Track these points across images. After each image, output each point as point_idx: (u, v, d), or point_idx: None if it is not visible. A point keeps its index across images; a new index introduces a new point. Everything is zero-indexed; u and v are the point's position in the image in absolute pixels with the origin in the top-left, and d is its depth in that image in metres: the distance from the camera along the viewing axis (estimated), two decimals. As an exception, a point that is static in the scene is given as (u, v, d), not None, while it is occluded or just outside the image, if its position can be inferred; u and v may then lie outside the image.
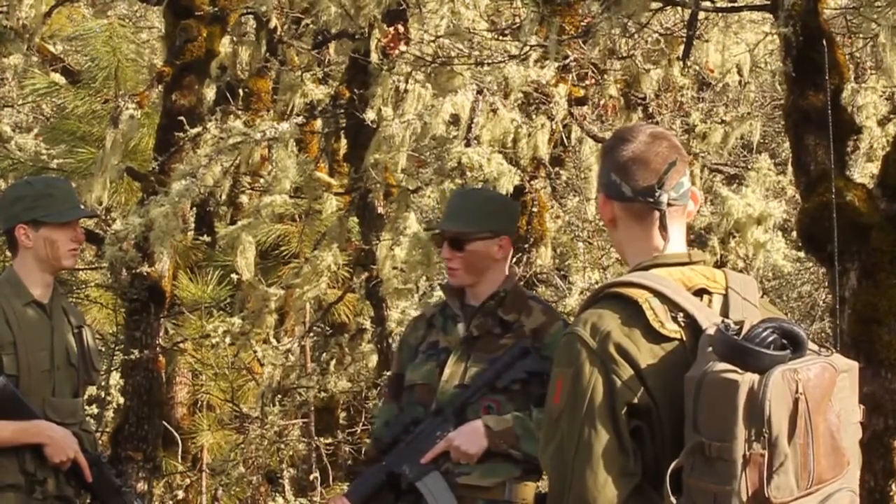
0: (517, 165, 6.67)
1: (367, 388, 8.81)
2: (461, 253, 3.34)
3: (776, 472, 1.93)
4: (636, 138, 2.20)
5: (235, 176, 7.98)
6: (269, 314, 7.59)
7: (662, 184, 2.16)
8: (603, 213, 2.23)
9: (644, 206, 2.17)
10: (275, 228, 9.20)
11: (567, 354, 2.07)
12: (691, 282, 2.14)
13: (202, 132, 7.08)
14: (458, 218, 3.37)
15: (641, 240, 2.18)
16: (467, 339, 3.35)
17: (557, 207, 7.96)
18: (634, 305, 2.07)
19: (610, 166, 2.21)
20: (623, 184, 2.18)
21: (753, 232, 5.96)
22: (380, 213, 7.52)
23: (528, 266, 7.25)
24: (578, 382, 2.03)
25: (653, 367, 2.03)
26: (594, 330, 2.06)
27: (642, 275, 2.13)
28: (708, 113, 7.48)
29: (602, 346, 2.04)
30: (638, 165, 2.18)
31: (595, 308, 2.10)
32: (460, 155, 6.34)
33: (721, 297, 2.15)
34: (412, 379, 3.38)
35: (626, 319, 2.06)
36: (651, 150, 2.19)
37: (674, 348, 2.05)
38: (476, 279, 3.37)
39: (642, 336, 2.05)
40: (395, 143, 6.49)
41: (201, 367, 9.59)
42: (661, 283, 2.10)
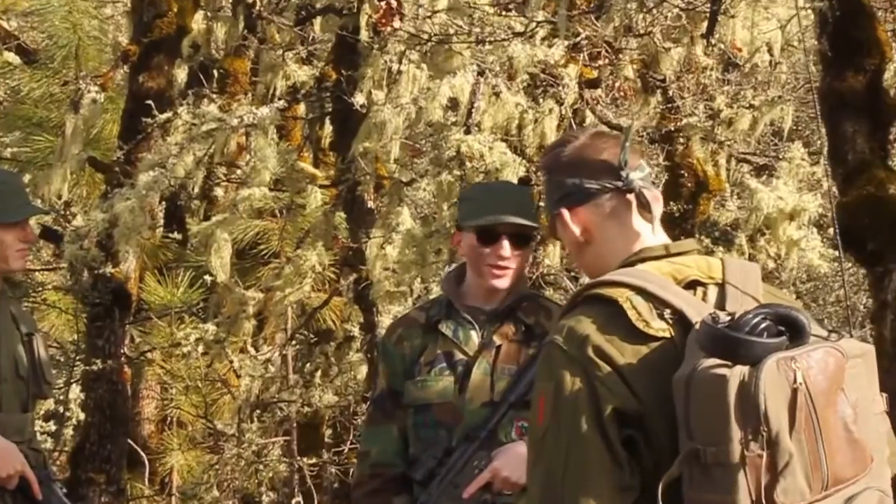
0: (522, 155, 6.66)
1: (356, 403, 8.81)
2: (520, 251, 3.28)
3: (782, 473, 1.90)
4: (576, 137, 2.22)
5: (209, 167, 7.96)
6: (246, 320, 7.59)
7: (626, 161, 2.16)
8: (570, 231, 2.19)
9: (614, 194, 2.17)
10: (253, 225, 9.19)
11: (546, 367, 2.07)
12: (682, 273, 2.14)
13: (172, 118, 7.07)
14: (520, 211, 3.29)
15: (621, 238, 2.18)
16: (488, 349, 3.28)
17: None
18: (614, 306, 2.07)
19: (560, 174, 2.21)
20: (584, 180, 2.18)
21: (786, 228, 5.97)
22: (370, 207, 7.52)
23: (534, 266, 7.25)
24: (560, 395, 2.03)
25: (638, 369, 2.02)
26: (570, 336, 2.06)
27: (624, 272, 2.13)
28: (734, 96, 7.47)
29: (580, 350, 2.04)
30: (590, 155, 2.19)
31: (573, 314, 2.11)
32: (459, 143, 6.33)
33: (717, 288, 2.14)
34: (425, 398, 3.28)
35: (605, 322, 2.06)
36: (597, 143, 2.20)
37: (661, 348, 2.04)
38: (516, 281, 3.32)
39: (625, 338, 2.04)
40: (387, 131, 6.48)
41: (171, 379, 9.58)
42: (645, 278, 2.10)
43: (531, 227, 3.31)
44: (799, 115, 8.81)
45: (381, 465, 3.34)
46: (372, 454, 3.37)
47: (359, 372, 8.60)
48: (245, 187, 7.24)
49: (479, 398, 3.22)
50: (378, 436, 3.36)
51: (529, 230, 3.30)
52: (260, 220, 9.24)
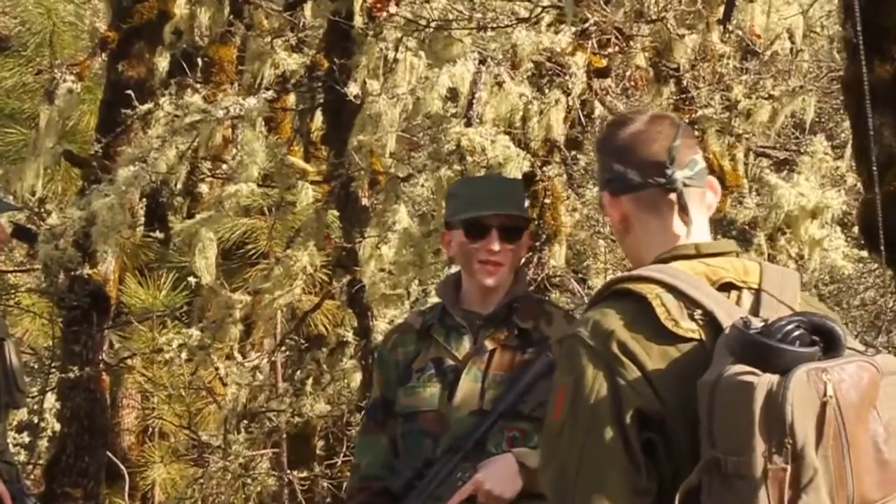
0: (527, 149, 6.67)
1: (350, 412, 8.81)
2: (513, 245, 3.29)
3: (804, 489, 1.91)
4: (634, 120, 2.26)
5: (193, 161, 7.97)
6: (233, 325, 7.58)
7: (673, 158, 2.20)
8: (612, 215, 2.26)
9: (657, 190, 2.21)
10: (240, 223, 9.20)
11: (568, 361, 2.10)
12: (717, 274, 2.17)
13: (154, 109, 7.07)
14: (510, 202, 3.31)
15: (660, 233, 2.21)
16: (480, 355, 3.28)
17: (574, 198, 7.94)
18: (643, 302, 2.10)
19: (609, 156, 2.25)
20: (629, 170, 2.22)
21: (807, 227, 5.97)
22: (364, 204, 7.52)
23: (539, 267, 7.25)
24: (580, 390, 2.06)
25: (664, 371, 2.05)
26: (596, 330, 2.09)
27: (656, 268, 2.16)
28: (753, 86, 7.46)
29: (604, 346, 2.07)
30: (641, 145, 2.22)
31: (599, 307, 2.14)
32: (459, 136, 6.34)
33: (752, 293, 2.17)
34: (413, 405, 3.28)
35: (632, 318, 2.09)
36: (653, 129, 2.23)
37: (690, 350, 2.07)
38: (509, 279, 3.32)
39: (652, 337, 2.07)
40: (383, 123, 6.48)
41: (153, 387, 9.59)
42: (678, 276, 2.13)
43: (521, 219, 3.32)
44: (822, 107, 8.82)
45: (367, 478, 3.35)
46: (361, 466, 3.38)
47: (352, 380, 8.60)
48: (231, 183, 7.25)
49: (468, 406, 3.22)
50: (368, 447, 3.38)
51: (520, 222, 3.31)
52: (247, 218, 9.24)
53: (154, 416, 9.92)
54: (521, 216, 3.33)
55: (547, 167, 7.38)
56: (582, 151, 8.11)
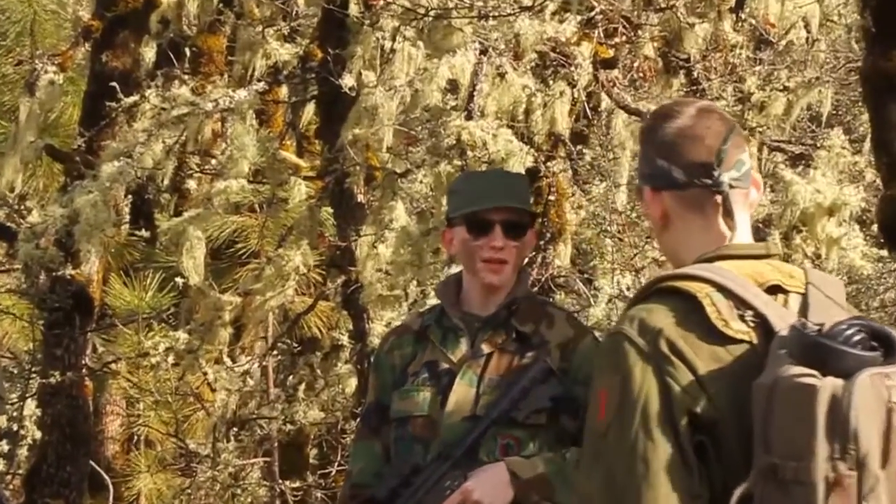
0: (530, 143, 6.68)
1: (344, 420, 8.82)
2: (516, 242, 3.28)
3: (865, 498, 1.94)
4: (681, 113, 2.26)
5: (181, 156, 7.97)
6: (222, 327, 7.59)
7: (721, 160, 2.21)
8: (652, 210, 2.27)
9: (702, 190, 2.22)
10: (230, 221, 9.22)
11: (612, 359, 2.11)
12: (763, 277, 2.19)
13: (139, 101, 7.07)
14: (514, 195, 3.31)
15: (703, 232, 2.23)
16: (476, 358, 3.29)
17: (580, 195, 7.96)
18: (692, 301, 2.12)
19: (653, 150, 2.26)
20: (673, 167, 2.23)
21: (824, 225, 5.97)
22: (360, 201, 7.50)
23: (543, 268, 7.25)
24: (628, 390, 2.08)
25: (716, 373, 2.07)
26: (643, 328, 2.10)
27: (704, 267, 2.17)
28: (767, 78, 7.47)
29: (653, 345, 2.08)
30: (688, 142, 2.23)
31: (645, 304, 2.15)
32: (460, 130, 6.34)
33: (799, 296, 2.19)
34: (405, 410, 3.30)
35: (682, 317, 2.10)
36: (701, 125, 2.24)
37: (742, 352, 2.09)
38: (512, 279, 3.32)
39: (702, 337, 2.09)
40: (380, 116, 6.48)
41: (138, 393, 9.59)
42: (727, 276, 2.15)
43: (527, 214, 3.32)
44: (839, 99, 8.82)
45: (359, 486, 3.36)
46: (353, 473, 3.40)
47: (347, 385, 8.59)
48: (221, 179, 7.24)
49: (461, 412, 3.22)
50: (362, 453, 3.39)
51: (524, 217, 3.31)
52: (237, 215, 9.27)
53: (140, 424, 9.92)
54: (527, 211, 3.33)
55: (551, 162, 7.38)
56: (588, 146, 8.12)
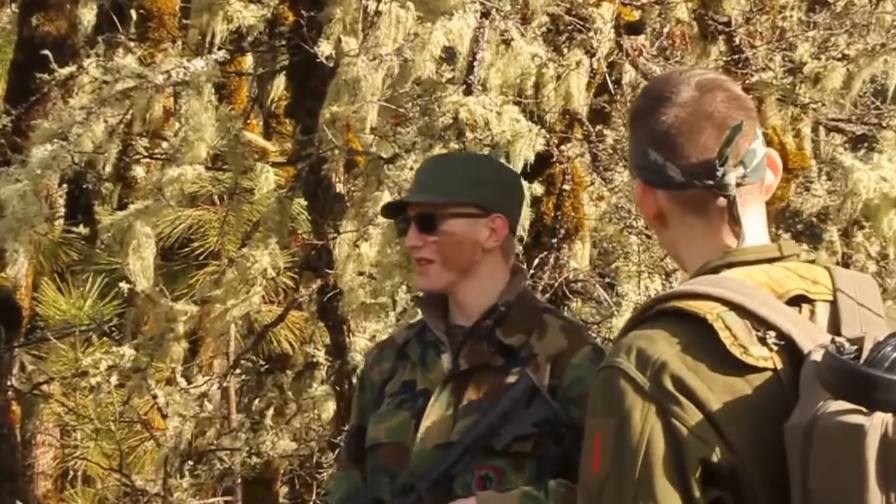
0: (541, 123, 6.66)
1: (321, 451, 8.82)
2: (433, 236, 3.35)
3: None
4: (678, 92, 2.24)
5: (126, 138, 7.95)
6: (175, 342, 7.57)
7: (726, 157, 2.19)
8: (644, 207, 2.27)
9: (703, 192, 2.21)
10: (184, 215, 9.23)
11: (606, 398, 2.10)
12: (783, 286, 2.17)
13: (77, 73, 7.07)
14: (427, 186, 3.39)
15: (704, 236, 2.23)
16: (455, 376, 3.31)
17: (600, 184, 7.96)
18: (701, 324, 2.09)
19: (645, 140, 2.24)
20: (668, 164, 2.21)
21: (891, 219, 5.96)
22: (339, 192, 7.51)
23: (556, 270, 7.25)
24: (625, 437, 2.06)
25: (733, 411, 2.05)
26: (642, 360, 2.08)
27: (711, 280, 2.16)
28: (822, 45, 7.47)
29: (655, 381, 2.06)
30: (686, 133, 2.21)
31: (642, 330, 2.13)
32: (457, 107, 6.33)
33: (827, 305, 2.18)
34: (376, 436, 3.36)
35: (688, 344, 2.08)
36: (702, 109, 2.22)
37: (764, 382, 2.08)
38: (457, 279, 3.36)
39: (715, 367, 2.07)
40: (362, 91, 6.45)
41: (75, 420, 9.58)
42: (740, 290, 2.13)
43: (437, 205, 3.35)
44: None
45: None
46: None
47: (324, 410, 8.62)
48: (173, 165, 7.23)
49: (434, 438, 3.27)
50: (339, 484, 3.48)
51: (436, 208, 3.35)
52: (193, 208, 9.27)
53: (76, 457, 9.91)
54: (433, 202, 3.36)
55: (566, 145, 7.37)
56: (609, 126, 8.11)
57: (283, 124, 8.74)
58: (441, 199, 3.35)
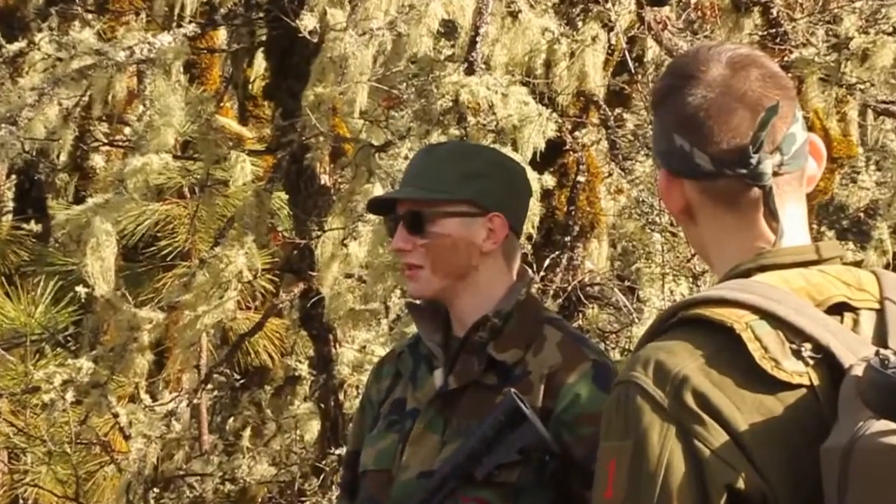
0: (552, 106, 6.68)
1: (303, 477, 8.81)
2: (422, 238, 3.32)
3: None
4: (706, 69, 2.24)
5: (84, 123, 7.96)
6: (139, 353, 7.57)
7: (761, 142, 2.19)
8: (669, 200, 2.26)
9: (735, 182, 2.21)
10: (150, 210, 9.23)
11: (620, 417, 2.11)
12: (823, 292, 2.17)
13: (27, 50, 7.06)
14: (417, 180, 3.37)
15: (736, 233, 2.23)
16: (443, 396, 3.31)
17: (619, 175, 7.96)
18: (727, 334, 2.10)
19: (670, 124, 2.25)
20: (696, 150, 2.22)
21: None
22: (324, 184, 7.56)
23: (569, 272, 7.26)
24: (642, 460, 2.07)
25: (763, 432, 2.06)
26: (661, 374, 2.09)
27: (741, 285, 2.16)
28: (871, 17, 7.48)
29: (676, 398, 2.07)
30: (716, 116, 2.22)
31: (662, 341, 2.13)
32: (458, 88, 6.36)
33: (873, 314, 2.18)
34: (364, 462, 3.37)
35: (713, 357, 2.09)
36: (734, 89, 2.22)
37: (797, 400, 2.08)
38: (451, 286, 3.34)
39: (743, 383, 2.07)
40: (350, 70, 6.48)
41: (25, 441, 9.58)
42: (773, 296, 2.13)
43: (425, 202, 3.33)
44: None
45: None
46: None
47: (307, 430, 8.61)
48: (137, 154, 7.22)
49: (418, 465, 3.28)
50: None
51: (425, 207, 3.33)
52: (160, 202, 9.26)
53: (27, 483, 9.92)
54: (422, 199, 3.34)
55: (580, 131, 7.38)
56: (629, 109, 8.11)
57: (260, 107, 8.74)
58: (431, 195, 3.33)
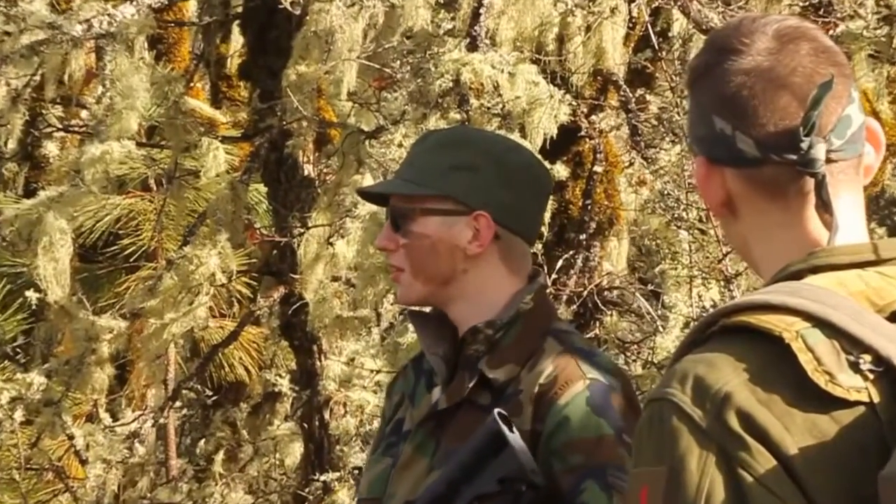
0: (565, 86, 6.70)
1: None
2: (403, 237, 3.33)
3: None
4: (751, 44, 2.23)
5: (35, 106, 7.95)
6: (98, 367, 7.58)
7: (812, 124, 2.16)
8: (708, 192, 2.26)
9: (782, 169, 2.19)
10: (111, 205, 9.26)
11: (654, 440, 2.10)
12: (883, 297, 2.15)
13: (-29, 23, 7.08)
14: (404, 171, 3.40)
15: (783, 228, 2.22)
16: (434, 417, 3.33)
17: (641, 165, 7.95)
18: (776, 345, 2.08)
19: (709, 104, 2.24)
20: (739, 134, 2.20)
21: None
22: (308, 175, 7.57)
23: (584, 275, 7.27)
24: (679, 489, 2.05)
25: (815, 456, 2.04)
26: (701, 391, 2.07)
27: (790, 288, 2.14)
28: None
29: (717, 418, 2.05)
30: (762, 95, 2.20)
31: (701, 352, 2.12)
32: (459, 67, 6.35)
33: None
34: (361, 489, 3.42)
35: (759, 371, 2.07)
36: (783, 64, 2.21)
37: (855, 420, 2.05)
38: (436, 292, 3.35)
39: (793, 401, 2.05)
40: (337, 45, 6.50)
41: (-30, 466, 9.59)
42: (827, 301, 2.11)
43: (407, 198, 3.33)
44: None
45: None
46: None
47: (288, 453, 8.64)
48: (96, 141, 7.22)
49: (404, 492, 3.30)
50: None
51: (404, 202, 3.33)
52: (122, 196, 9.28)
53: (-28, 513, 9.93)
54: (402, 194, 3.35)
55: (598, 115, 7.38)
56: (653, 90, 8.10)
57: (235, 88, 8.74)
58: (412, 189, 3.32)
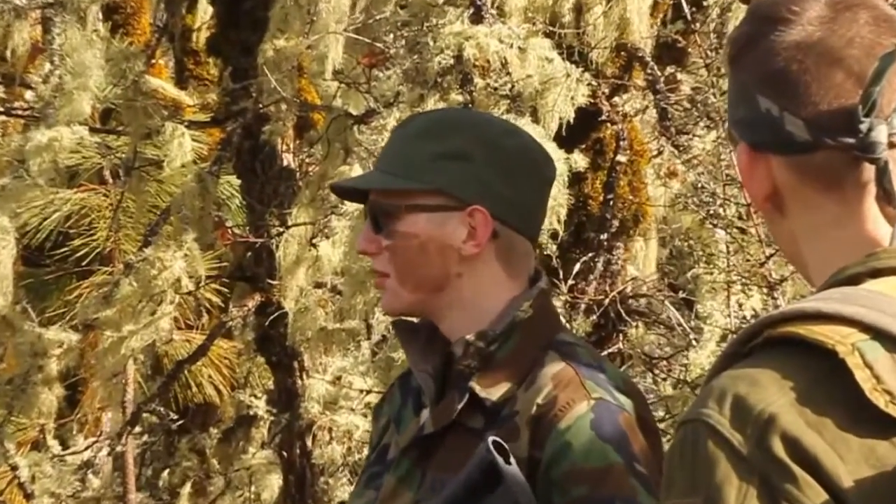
0: (584, 63, 6.77)
1: (260, 546, 8.86)
2: (386, 238, 3.35)
3: None
4: (801, 13, 2.27)
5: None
6: (45, 386, 7.60)
7: (873, 101, 2.19)
8: (751, 183, 2.32)
9: (837, 156, 2.22)
10: (60, 200, 9.31)
11: (687, 467, 2.13)
12: None
13: None
14: (384, 164, 3.40)
15: (838, 224, 2.26)
16: (419, 443, 3.36)
17: (671, 154, 7.96)
18: (828, 360, 2.09)
19: (752, 82, 2.29)
20: (787, 115, 2.24)
21: None
22: (287, 165, 7.63)
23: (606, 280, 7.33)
24: None
25: (873, 488, 2.06)
26: (741, 413, 2.10)
27: (844, 295, 2.16)
28: None
29: (760, 445, 2.08)
30: (814, 71, 2.24)
31: (742, 368, 2.14)
32: (461, 41, 6.42)
33: None
34: None
35: (809, 389, 2.09)
36: (837, 35, 2.25)
37: None
38: (427, 300, 3.36)
39: (847, 423, 2.08)
40: (321, 16, 6.54)
41: None
42: (888, 310, 2.15)
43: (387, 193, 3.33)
44: None
45: None
46: None
47: (265, 485, 8.69)
48: (43, 126, 7.27)
49: None
50: None
51: (385, 197, 3.33)
52: (73, 189, 9.33)
53: None
54: (383, 189, 3.35)
55: (621, 97, 7.39)
56: (684, 68, 8.12)
57: (204, 66, 8.81)
58: (395, 183, 3.32)
